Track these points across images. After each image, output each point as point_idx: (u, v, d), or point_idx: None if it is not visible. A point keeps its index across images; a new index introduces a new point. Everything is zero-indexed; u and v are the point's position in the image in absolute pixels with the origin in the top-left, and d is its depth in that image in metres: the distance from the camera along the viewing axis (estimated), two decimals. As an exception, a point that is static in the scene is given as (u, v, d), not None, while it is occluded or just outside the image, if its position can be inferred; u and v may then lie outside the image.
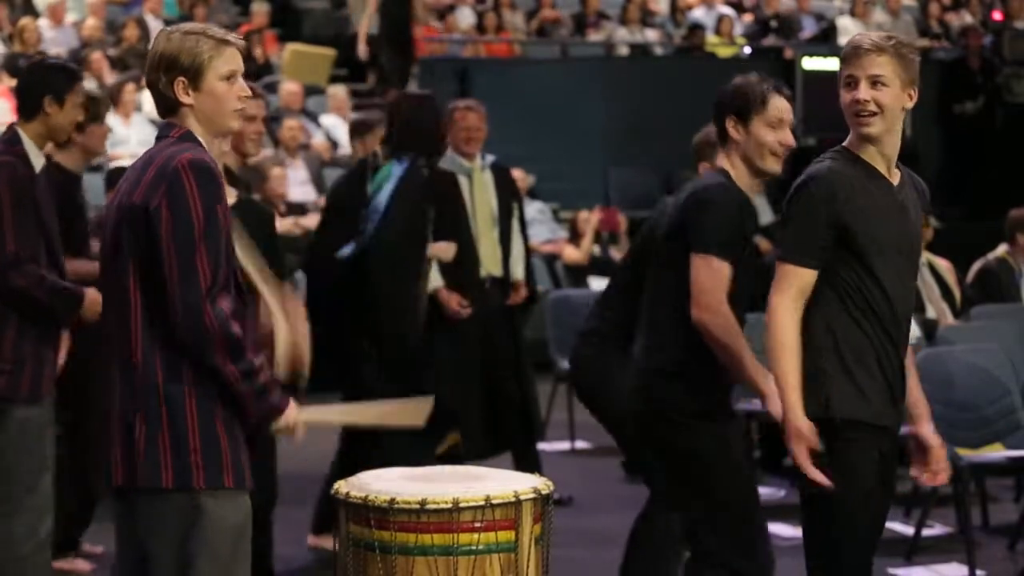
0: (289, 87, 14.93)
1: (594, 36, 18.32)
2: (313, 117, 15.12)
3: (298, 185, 13.27)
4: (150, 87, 3.99)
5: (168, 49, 3.94)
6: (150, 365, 3.86)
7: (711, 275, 4.63)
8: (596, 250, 13.71)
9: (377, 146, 7.29)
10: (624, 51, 18.06)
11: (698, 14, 18.97)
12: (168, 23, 15.57)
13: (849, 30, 18.68)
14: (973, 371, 7.38)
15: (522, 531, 4.05)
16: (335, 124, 14.74)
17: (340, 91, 15.39)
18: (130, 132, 13.28)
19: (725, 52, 18.02)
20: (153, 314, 3.86)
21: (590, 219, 13.79)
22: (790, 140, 4.79)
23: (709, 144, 5.56)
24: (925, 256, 9.23)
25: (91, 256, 5.84)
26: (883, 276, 4.27)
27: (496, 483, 4.16)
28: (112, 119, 13.43)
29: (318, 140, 14.59)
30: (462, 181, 7.68)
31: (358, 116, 9.83)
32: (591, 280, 13.08)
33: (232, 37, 3.99)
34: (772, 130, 4.76)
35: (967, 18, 20.15)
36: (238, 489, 3.93)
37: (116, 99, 13.46)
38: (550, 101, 16.62)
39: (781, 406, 4.24)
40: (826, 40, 18.42)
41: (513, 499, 4.05)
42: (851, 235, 4.25)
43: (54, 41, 15.22)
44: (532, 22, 18.39)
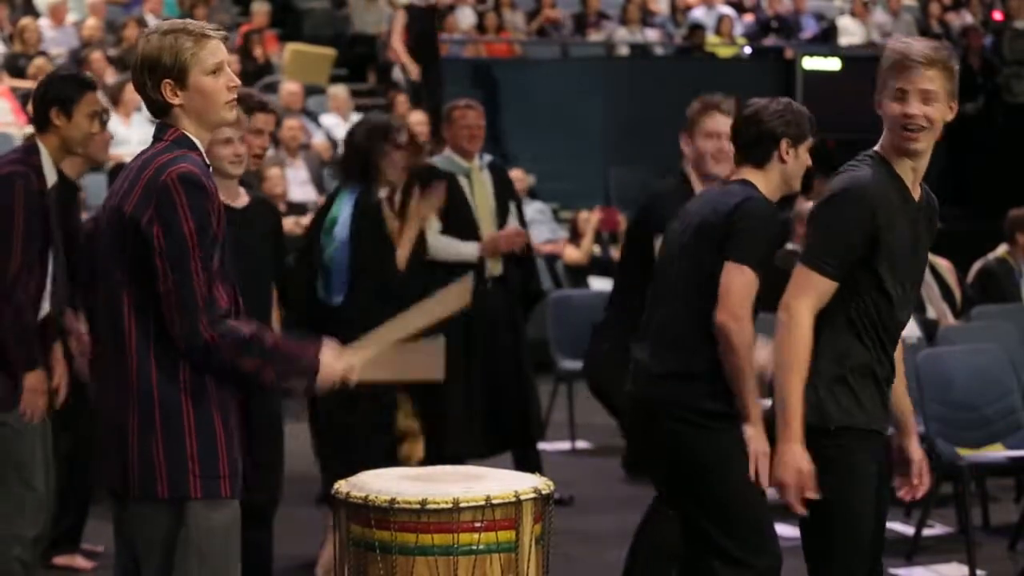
0: (289, 87, 14.93)
1: (594, 36, 18.33)
2: (314, 117, 15.12)
3: (298, 185, 13.28)
4: (138, 91, 3.93)
5: (148, 51, 3.88)
6: (144, 371, 3.83)
7: (744, 284, 4.63)
8: (596, 250, 13.72)
9: None
10: (624, 51, 18.07)
11: (698, 14, 18.97)
12: (168, 23, 15.59)
13: (849, 30, 18.71)
14: (973, 371, 7.38)
15: (523, 531, 4.05)
16: (335, 124, 14.74)
17: (341, 91, 15.39)
18: (130, 132, 13.27)
19: (725, 52, 18.03)
20: (146, 320, 3.84)
21: (590, 219, 13.80)
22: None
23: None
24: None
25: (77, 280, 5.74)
26: (893, 291, 4.28)
27: (496, 483, 4.15)
28: (112, 119, 13.45)
29: (318, 140, 14.59)
30: (461, 181, 7.65)
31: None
32: (591, 280, 13.09)
33: (211, 30, 3.92)
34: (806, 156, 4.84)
35: (967, 18, 20.16)
36: (230, 498, 3.90)
37: (116, 99, 13.45)
38: (550, 101, 16.63)
39: (781, 433, 4.21)
40: (826, 40, 18.44)
41: (514, 499, 4.04)
42: (876, 256, 4.23)
43: (54, 41, 15.23)
44: (532, 22, 18.40)
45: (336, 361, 3.99)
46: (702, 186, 5.79)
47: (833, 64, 16.67)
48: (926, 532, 7.28)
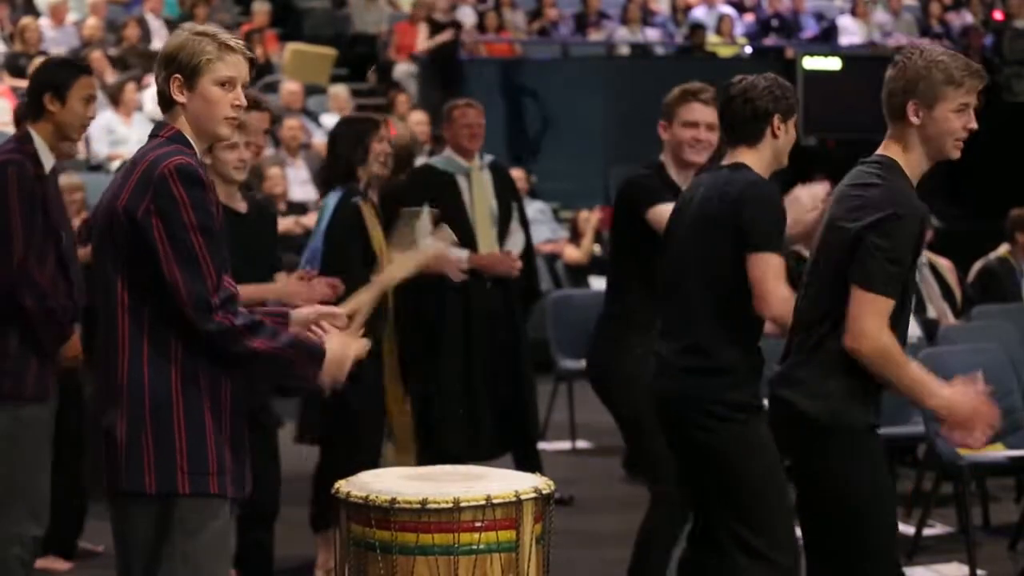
0: (290, 87, 14.94)
1: (594, 36, 18.33)
2: (314, 117, 15.13)
3: (299, 185, 13.29)
4: (155, 81, 3.98)
5: (173, 45, 3.94)
6: (136, 366, 3.83)
7: (777, 270, 4.63)
8: (597, 250, 13.72)
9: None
10: (625, 51, 18.07)
11: (699, 14, 18.98)
12: (168, 23, 15.63)
13: (849, 30, 18.71)
14: (973, 371, 7.35)
15: (523, 531, 4.05)
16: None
17: (341, 91, 15.40)
18: (130, 132, 13.30)
19: (726, 52, 18.03)
20: (140, 316, 3.83)
21: (590, 219, 13.80)
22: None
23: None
24: (926, 255, 9.24)
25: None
26: (908, 300, 4.31)
27: (497, 483, 4.16)
28: (113, 118, 13.47)
29: (319, 140, 14.59)
30: (460, 181, 7.63)
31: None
32: (592, 280, 13.09)
33: (239, 45, 3.95)
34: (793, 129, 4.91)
35: (968, 18, 20.16)
36: (220, 496, 3.88)
37: (117, 99, 13.48)
38: (550, 101, 16.63)
39: (926, 403, 4.27)
40: (827, 40, 18.44)
41: (514, 499, 4.04)
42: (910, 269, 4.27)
43: (55, 41, 15.24)
44: (532, 22, 18.40)
45: (342, 348, 3.98)
46: (679, 174, 5.82)
47: (833, 64, 16.65)
48: (926, 532, 7.28)
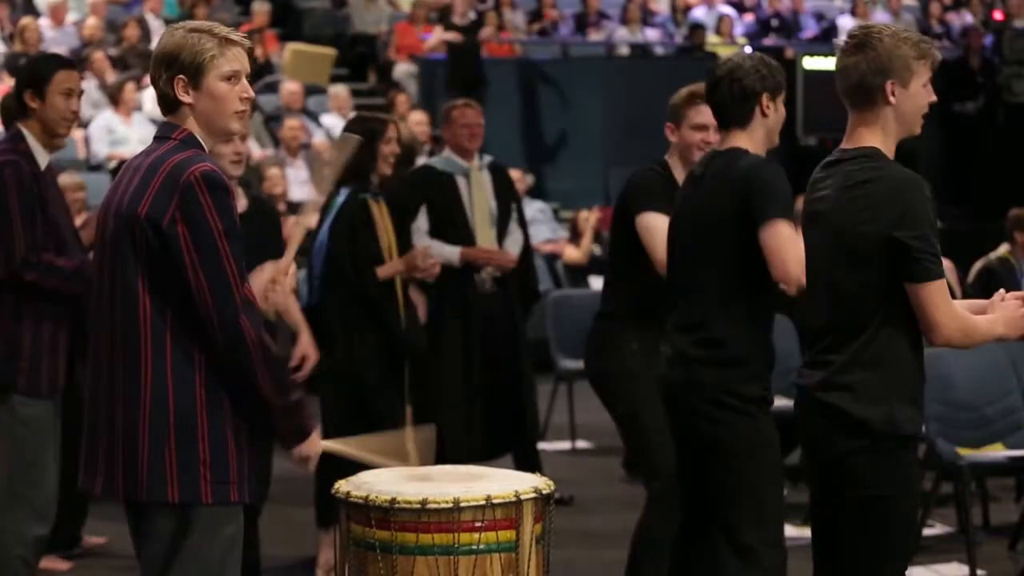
0: (290, 87, 14.95)
1: (594, 36, 18.33)
2: (314, 117, 15.13)
3: (299, 185, 13.28)
4: (153, 84, 3.90)
5: (170, 46, 3.85)
6: (159, 376, 3.77)
7: (791, 235, 4.61)
8: (596, 250, 13.72)
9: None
10: (624, 51, 18.07)
11: (699, 14, 18.98)
12: (168, 23, 15.61)
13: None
14: (973, 371, 7.37)
15: (523, 531, 4.05)
16: (336, 124, 14.74)
17: (341, 90, 15.40)
18: (130, 131, 13.30)
19: (726, 52, 18.00)
20: (162, 325, 3.77)
21: (590, 219, 13.80)
22: None
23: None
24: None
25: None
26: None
27: (497, 483, 4.15)
28: (113, 118, 13.48)
29: (319, 140, 14.60)
30: (460, 181, 7.61)
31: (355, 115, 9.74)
32: (591, 280, 13.09)
33: (238, 37, 3.90)
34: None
35: (968, 18, 20.17)
36: (220, 504, 3.85)
37: (116, 98, 13.48)
38: (550, 101, 16.63)
39: (995, 333, 4.21)
40: (826, 40, 18.44)
41: (514, 499, 4.04)
42: None
43: (55, 41, 15.23)
44: (532, 22, 18.40)
45: (317, 438, 3.99)
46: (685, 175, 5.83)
47: (833, 64, 16.63)
48: (926, 532, 7.28)
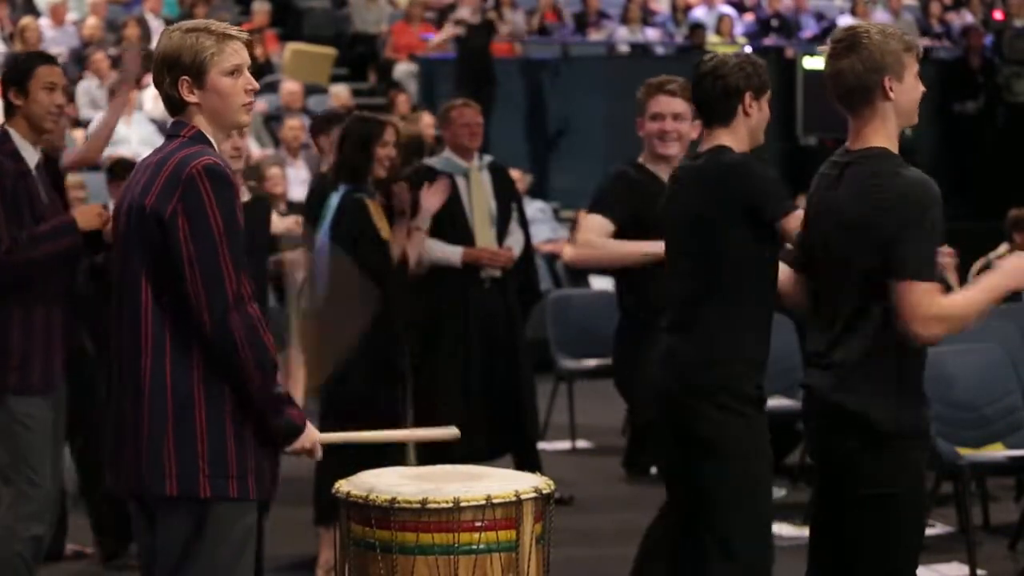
0: (290, 86, 14.94)
1: (594, 36, 18.33)
2: (314, 116, 15.11)
3: (299, 184, 13.26)
4: (156, 87, 3.95)
5: (169, 48, 3.89)
6: (159, 368, 3.81)
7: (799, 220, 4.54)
8: (597, 250, 13.69)
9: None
10: (625, 51, 18.07)
11: (699, 13, 18.98)
12: (168, 22, 15.61)
13: (850, 30, 18.67)
14: (973, 371, 7.37)
15: (523, 530, 4.05)
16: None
17: (341, 90, 15.40)
18: (130, 131, 13.29)
19: (726, 51, 18.03)
20: (163, 318, 3.81)
21: (590, 219, 13.77)
22: None
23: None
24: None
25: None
26: None
27: (497, 482, 4.15)
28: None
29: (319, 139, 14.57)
30: (459, 181, 7.60)
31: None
32: (592, 279, 13.08)
33: (235, 31, 3.94)
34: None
35: (968, 17, 20.16)
36: (242, 500, 3.88)
37: (117, 98, 13.47)
38: (550, 101, 16.63)
39: (997, 293, 4.15)
40: (826, 40, 18.42)
41: (514, 498, 4.04)
42: None
43: (55, 41, 15.24)
44: (532, 22, 18.40)
45: (313, 431, 4.01)
46: (657, 167, 5.84)
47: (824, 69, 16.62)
48: (926, 531, 7.26)
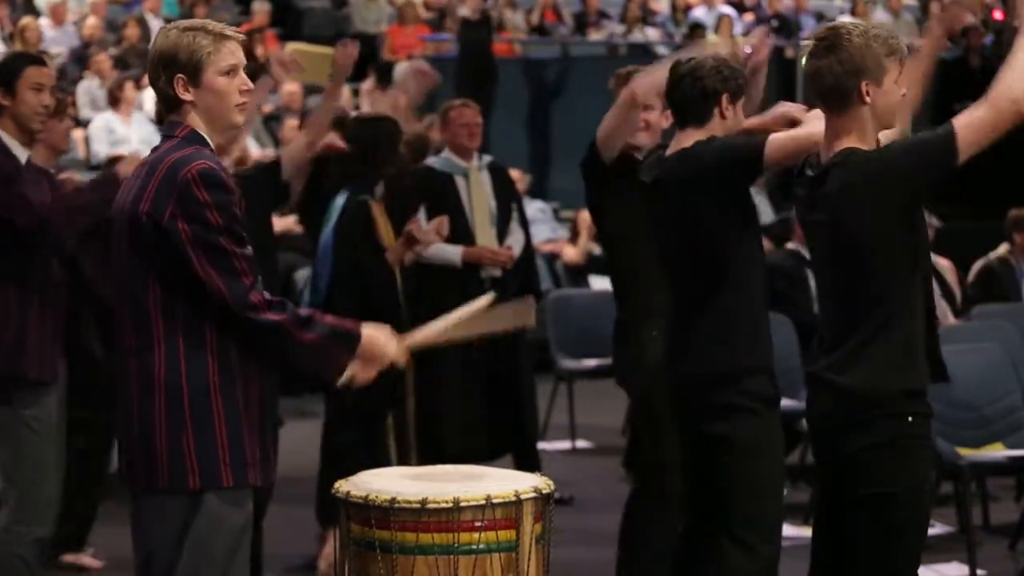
0: (289, 87, 14.93)
1: (594, 36, 18.33)
2: (314, 117, 15.11)
3: (299, 184, 13.27)
4: (152, 85, 3.97)
5: (166, 46, 3.91)
6: (173, 365, 3.83)
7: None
8: (596, 249, 13.71)
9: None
10: (624, 51, 18.06)
11: (699, 13, 18.98)
12: (168, 22, 15.62)
13: (849, 30, 18.68)
14: (973, 371, 7.37)
15: (523, 530, 4.05)
16: (335, 123, 14.73)
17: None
18: (130, 131, 13.29)
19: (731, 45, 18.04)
20: (174, 316, 3.84)
21: (588, 218, 13.79)
22: None
23: None
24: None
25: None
26: (920, 261, 4.38)
27: (497, 482, 4.16)
28: (112, 118, 13.47)
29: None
30: (459, 182, 7.60)
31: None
32: (591, 279, 13.08)
33: (231, 31, 3.96)
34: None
35: (968, 17, 20.13)
36: (238, 488, 3.90)
37: (116, 98, 13.48)
38: (550, 101, 16.62)
39: None
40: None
41: (514, 498, 4.04)
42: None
43: (55, 40, 15.24)
44: (532, 22, 18.40)
45: (388, 340, 4.00)
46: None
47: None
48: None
